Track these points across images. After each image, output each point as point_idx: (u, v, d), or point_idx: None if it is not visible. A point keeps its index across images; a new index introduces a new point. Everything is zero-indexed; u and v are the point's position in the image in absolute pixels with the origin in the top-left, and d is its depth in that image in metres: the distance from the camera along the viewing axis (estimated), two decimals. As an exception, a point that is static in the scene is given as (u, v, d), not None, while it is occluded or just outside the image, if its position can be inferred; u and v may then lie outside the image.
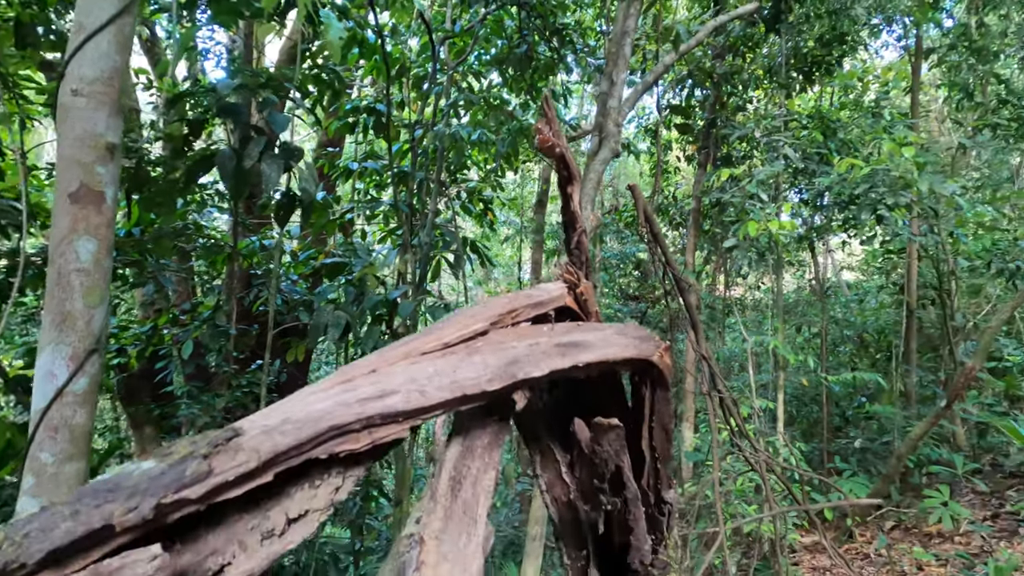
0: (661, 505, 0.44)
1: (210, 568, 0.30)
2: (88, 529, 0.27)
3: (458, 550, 0.30)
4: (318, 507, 0.33)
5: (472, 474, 0.33)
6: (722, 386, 2.96)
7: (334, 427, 0.31)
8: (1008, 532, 4.28)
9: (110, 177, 1.19)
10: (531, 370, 0.33)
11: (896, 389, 7.56)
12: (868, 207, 4.81)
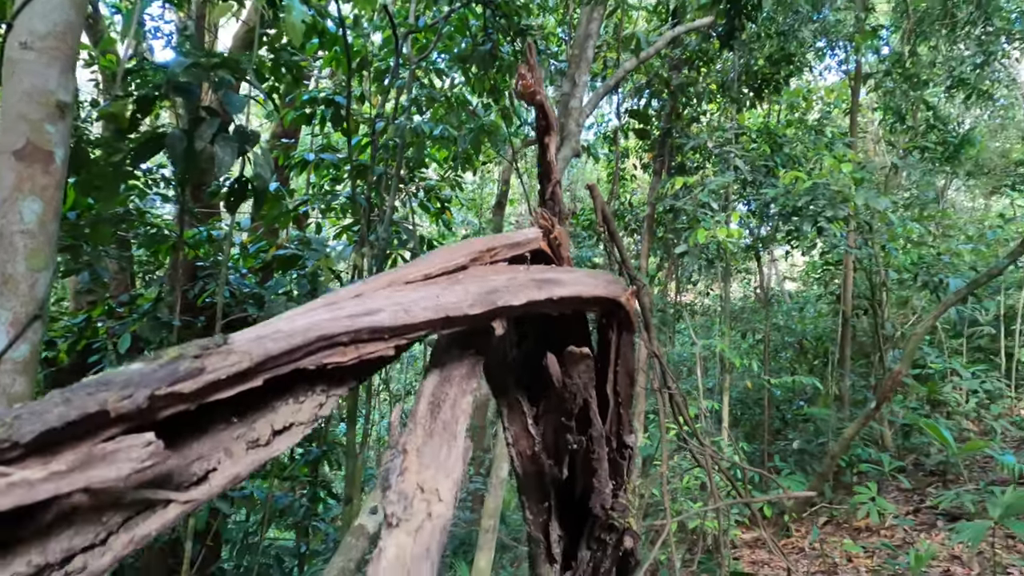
0: (622, 449, 0.46)
1: (196, 472, 0.30)
2: (82, 413, 0.26)
3: (439, 460, 0.31)
4: (302, 420, 0.33)
5: (450, 398, 0.34)
6: (672, 384, 3.06)
7: (323, 337, 0.31)
8: (928, 525, 4.59)
9: (60, 137, 1.12)
10: (510, 299, 0.35)
11: (831, 393, 7.99)
12: (810, 219, 5.08)
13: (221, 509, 4.62)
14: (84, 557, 0.28)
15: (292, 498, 5.29)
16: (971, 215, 11.96)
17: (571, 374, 0.38)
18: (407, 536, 0.29)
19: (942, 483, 5.55)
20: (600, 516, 0.51)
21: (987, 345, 10.19)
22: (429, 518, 0.30)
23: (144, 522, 0.29)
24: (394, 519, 0.30)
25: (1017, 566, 3.36)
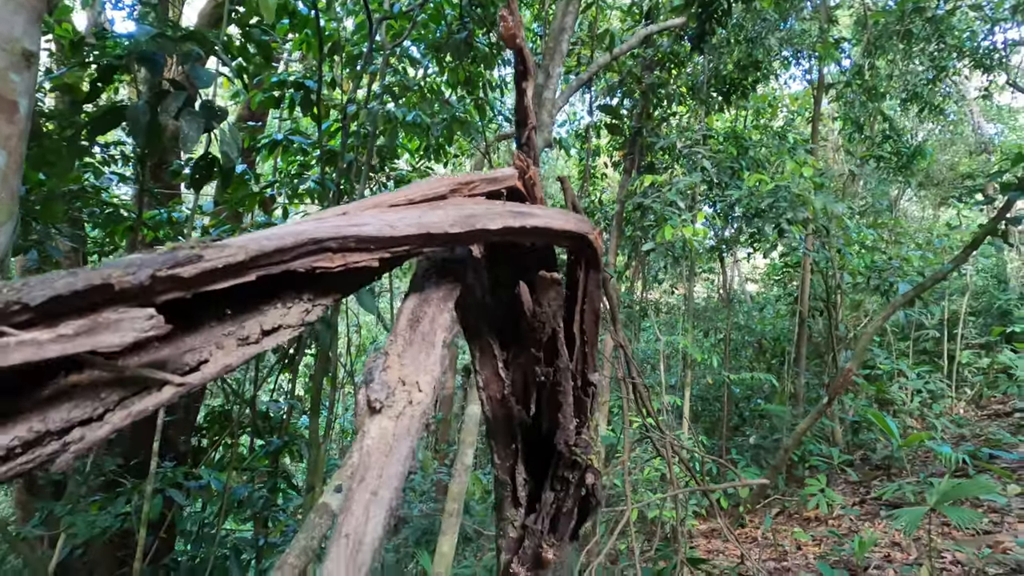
0: (587, 387, 0.48)
1: (188, 363, 0.31)
2: (88, 284, 0.26)
3: (419, 361, 0.32)
4: (290, 324, 0.34)
5: (428, 315, 0.35)
6: (636, 374, 3.13)
7: (313, 240, 0.32)
8: (872, 515, 4.82)
9: (25, 87, 1.08)
10: (487, 223, 0.36)
11: (787, 390, 8.29)
12: (771, 220, 5.25)
13: (176, 499, 4.49)
14: (82, 430, 0.28)
15: (251, 489, 5.18)
16: (921, 224, 12.57)
17: (541, 301, 0.40)
18: (389, 420, 0.30)
19: (887, 476, 5.83)
20: (564, 453, 0.53)
21: (931, 348, 10.74)
22: (410, 405, 0.31)
23: (140, 400, 0.30)
24: (377, 404, 0.31)
25: (951, 550, 3.57)
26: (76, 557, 4.70)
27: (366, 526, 0.25)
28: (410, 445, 0.30)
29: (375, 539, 0.25)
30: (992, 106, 13.26)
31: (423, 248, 0.36)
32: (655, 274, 10.46)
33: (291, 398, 6.36)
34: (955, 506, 2.98)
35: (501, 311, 0.53)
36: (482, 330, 0.53)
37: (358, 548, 0.25)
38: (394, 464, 0.28)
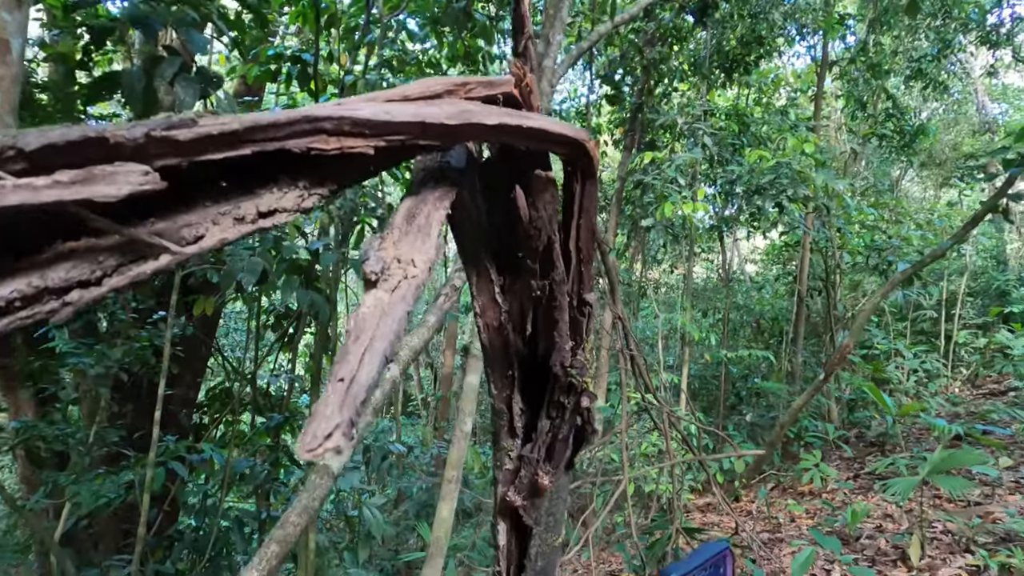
0: (582, 307, 0.49)
1: (185, 237, 0.31)
2: (83, 135, 0.27)
3: (415, 245, 0.32)
4: (286, 207, 0.34)
5: (424, 212, 0.35)
6: (634, 346, 3.15)
7: (307, 118, 0.32)
8: (865, 488, 4.89)
9: (17, 26, 1.06)
10: (484, 119, 0.36)
11: (784, 369, 8.35)
12: (772, 197, 5.23)
13: (178, 472, 4.55)
14: (80, 291, 0.29)
15: (253, 462, 5.23)
16: (922, 204, 12.52)
17: (537, 205, 0.40)
18: (385, 292, 0.31)
19: (881, 452, 5.90)
20: (560, 375, 0.54)
21: (929, 328, 10.79)
22: (406, 279, 0.32)
23: (137, 266, 0.30)
24: (373, 277, 0.32)
25: (941, 520, 3.63)
26: (81, 528, 4.77)
27: (360, 370, 0.26)
28: (405, 308, 0.30)
29: (369, 379, 0.26)
30: (997, 85, 13.12)
31: (418, 141, 0.36)
32: (654, 254, 10.46)
33: (292, 374, 6.40)
34: (947, 476, 3.03)
35: (497, 234, 0.54)
36: (479, 254, 0.53)
37: (351, 385, 0.26)
38: (388, 323, 0.28)
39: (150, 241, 0.30)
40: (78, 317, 4.69)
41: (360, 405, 0.25)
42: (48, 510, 4.65)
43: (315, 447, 0.24)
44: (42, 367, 4.30)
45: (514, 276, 0.57)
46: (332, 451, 0.24)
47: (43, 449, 4.35)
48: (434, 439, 7.44)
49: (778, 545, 3.97)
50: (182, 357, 5.03)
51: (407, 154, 0.41)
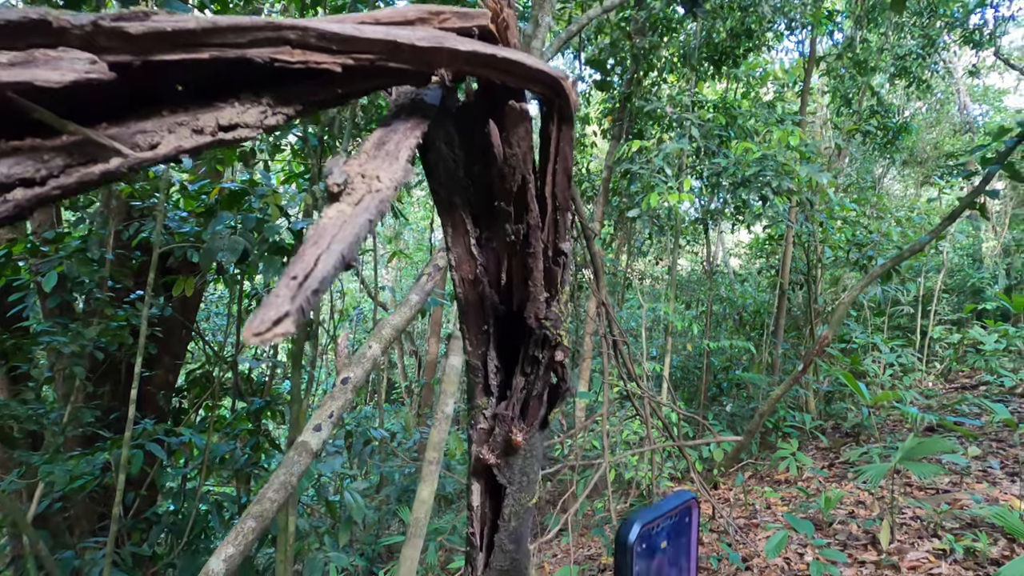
0: (558, 257, 0.48)
1: (138, 143, 0.30)
2: (24, 16, 0.25)
3: (382, 165, 0.31)
4: (248, 122, 0.33)
5: (395, 139, 0.34)
6: (617, 332, 3.16)
7: (271, 26, 0.31)
8: (839, 477, 5.00)
9: None
10: (457, 45, 0.35)
11: (764, 361, 8.47)
12: (756, 189, 5.28)
13: (155, 454, 4.49)
14: (24, 190, 0.27)
15: (233, 446, 5.20)
16: (902, 201, 12.73)
17: (511, 141, 0.40)
18: (348, 205, 0.30)
19: (856, 442, 6.03)
20: (534, 328, 0.54)
21: (906, 323, 11.02)
22: (370, 192, 0.31)
23: (86, 168, 0.29)
24: (335, 189, 0.31)
25: (911, 506, 3.73)
26: (56, 510, 4.70)
27: (314, 268, 0.25)
28: (368, 218, 0.30)
29: (323, 273, 0.25)
30: (979, 86, 13.34)
31: (388, 63, 0.35)
32: (640, 245, 10.51)
33: (273, 359, 6.35)
34: (917, 463, 3.11)
35: (474, 184, 0.53)
36: (455, 203, 0.53)
37: (304, 280, 0.25)
38: (348, 229, 0.28)
39: (99, 140, 0.29)
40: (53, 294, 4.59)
41: (311, 295, 0.25)
42: (22, 492, 4.57)
43: (262, 331, 0.24)
44: (15, 346, 4.21)
45: (490, 229, 0.57)
46: (280, 336, 0.24)
47: (15, 429, 4.27)
48: (417, 426, 7.44)
49: (754, 530, 4.05)
50: (160, 338, 4.95)
51: (377, 82, 0.40)
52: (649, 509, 0.48)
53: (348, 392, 1.84)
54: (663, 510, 0.50)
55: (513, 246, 0.48)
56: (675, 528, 0.51)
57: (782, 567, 3.25)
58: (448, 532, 4.31)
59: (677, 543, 0.53)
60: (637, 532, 0.46)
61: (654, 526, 0.48)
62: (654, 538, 0.48)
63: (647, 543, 0.47)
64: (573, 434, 4.74)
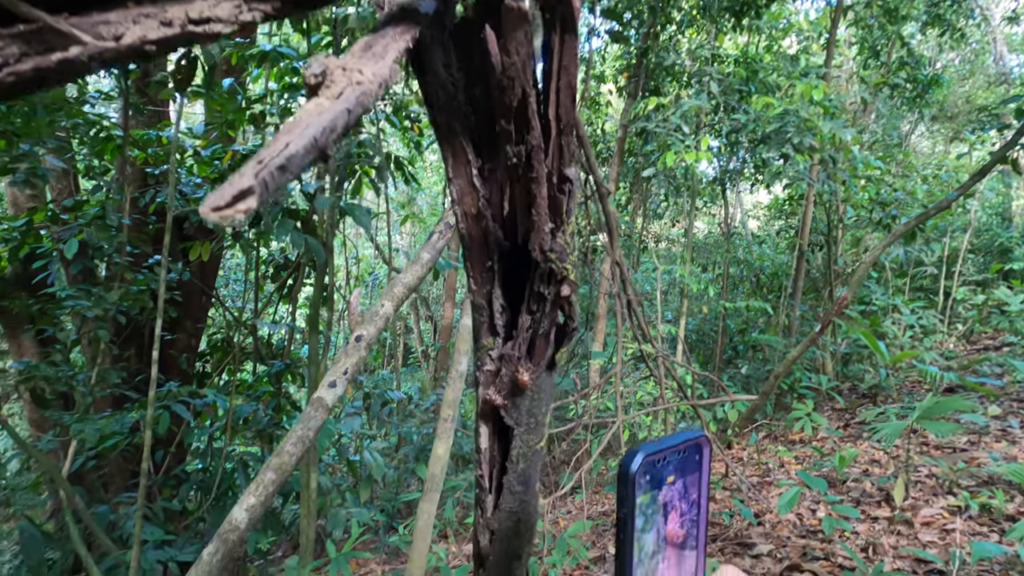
0: (562, 184, 0.46)
1: (100, 33, 0.29)
2: None
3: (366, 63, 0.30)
4: (220, 16, 0.31)
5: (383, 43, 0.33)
6: (631, 291, 3.14)
7: None
8: (854, 437, 5.00)
9: None
10: None
11: (781, 323, 8.39)
12: (777, 146, 5.12)
13: (181, 414, 4.64)
14: None
15: (256, 407, 5.34)
16: (930, 159, 12.29)
17: (509, 48, 0.37)
18: (327, 99, 0.28)
19: (873, 403, 6.00)
20: (539, 262, 0.52)
21: (928, 285, 10.79)
22: (350, 85, 0.29)
23: (42, 57, 0.28)
24: (313, 81, 0.29)
25: (927, 464, 3.72)
26: (90, 468, 4.91)
27: (281, 153, 0.24)
28: (346, 108, 0.28)
29: (292, 153, 0.24)
30: (1017, 34, 12.63)
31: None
32: (655, 207, 10.35)
33: (292, 324, 6.45)
34: (935, 422, 3.08)
35: (474, 109, 0.50)
36: (455, 130, 0.50)
37: (270, 160, 0.24)
38: (324, 117, 0.26)
39: (59, 27, 0.27)
40: (76, 261, 4.68)
41: (277, 171, 0.23)
42: (58, 451, 4.78)
43: (222, 205, 0.22)
44: (41, 310, 4.32)
45: (492, 159, 0.54)
46: (241, 213, 0.23)
47: (47, 391, 4.42)
48: (433, 388, 7.57)
49: (766, 488, 4.09)
50: (180, 303, 5.04)
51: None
52: (655, 442, 0.47)
53: (362, 349, 1.85)
54: (670, 444, 0.48)
55: (515, 171, 0.46)
56: (684, 464, 0.50)
57: (794, 523, 3.28)
58: (464, 489, 4.42)
59: (686, 479, 0.51)
60: (640, 462, 0.44)
61: (660, 458, 0.47)
62: (660, 471, 0.47)
63: (652, 475, 0.46)
64: (587, 394, 4.78)
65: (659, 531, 0.48)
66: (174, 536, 4.63)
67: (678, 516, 0.50)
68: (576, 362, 8.03)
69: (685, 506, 0.50)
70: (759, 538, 3.12)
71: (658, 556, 0.48)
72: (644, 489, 0.45)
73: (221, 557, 1.58)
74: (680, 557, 0.51)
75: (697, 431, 0.52)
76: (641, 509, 0.46)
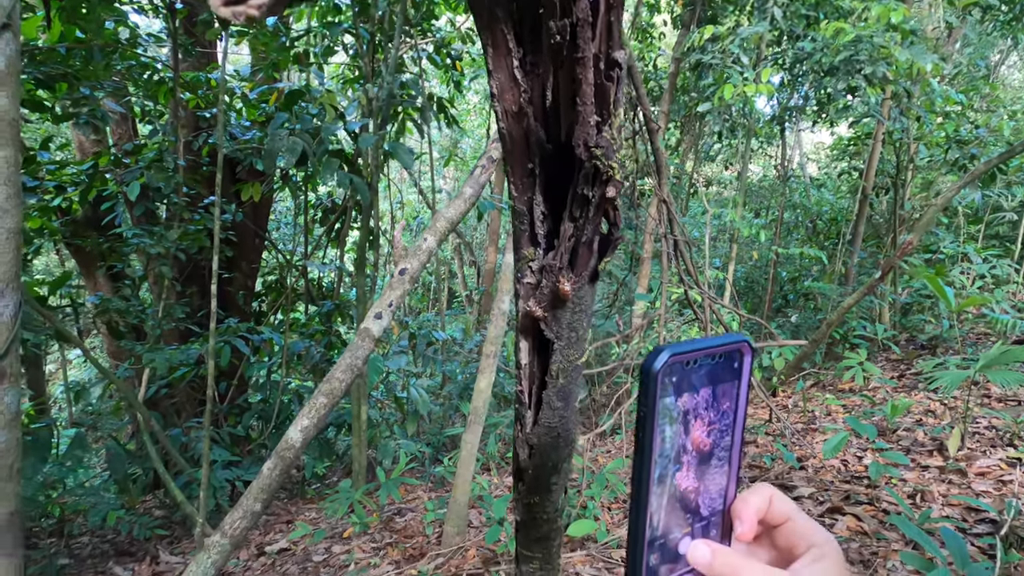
0: (610, 70, 0.43)
1: None
2: None
3: None
4: None
5: None
6: (679, 231, 3.04)
7: None
8: (909, 388, 4.82)
9: None
10: None
11: (837, 271, 8.02)
12: (846, 77, 4.72)
13: (240, 349, 4.94)
14: None
15: (309, 344, 5.62)
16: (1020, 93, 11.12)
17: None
18: None
19: (932, 354, 5.74)
20: (583, 159, 0.49)
21: (1006, 232, 9.99)
22: None
23: None
24: None
25: (986, 416, 3.57)
26: (163, 396, 5.34)
27: None
28: None
29: None
30: None
31: None
32: (707, 149, 9.87)
33: (340, 265, 6.65)
34: (1001, 371, 2.92)
35: None
36: (496, 16, 0.47)
37: None
38: None
39: None
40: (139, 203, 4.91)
41: None
42: (133, 379, 5.20)
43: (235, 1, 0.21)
44: (110, 248, 4.59)
45: (535, 52, 0.51)
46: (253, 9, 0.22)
47: (120, 324, 4.77)
48: (477, 330, 7.72)
49: (811, 434, 4.03)
50: (235, 243, 5.25)
51: None
52: (686, 343, 0.43)
53: (406, 283, 1.88)
54: (704, 346, 0.44)
55: (559, 53, 0.43)
56: (719, 370, 0.46)
57: (839, 468, 3.24)
58: (506, 425, 4.56)
59: (720, 388, 0.46)
60: (665, 360, 0.40)
61: (689, 360, 0.43)
62: (689, 374, 0.43)
63: (679, 378, 0.42)
64: (628, 336, 4.76)
65: (682, 438, 0.45)
66: (239, 459, 5.03)
67: (705, 425, 0.46)
68: (620, 307, 7.98)
69: (714, 415, 0.47)
70: (800, 482, 3.11)
71: (680, 463, 0.46)
72: (668, 393, 0.42)
73: (279, 472, 1.70)
74: (707, 469, 0.48)
75: (739, 335, 0.47)
76: (666, 412, 0.43)
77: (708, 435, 0.46)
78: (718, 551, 0.44)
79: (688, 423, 0.44)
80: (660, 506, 0.45)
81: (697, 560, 0.44)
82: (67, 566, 3.86)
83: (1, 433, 1.04)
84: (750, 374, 0.50)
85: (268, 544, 3.57)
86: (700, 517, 0.47)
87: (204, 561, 1.62)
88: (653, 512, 0.45)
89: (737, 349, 0.46)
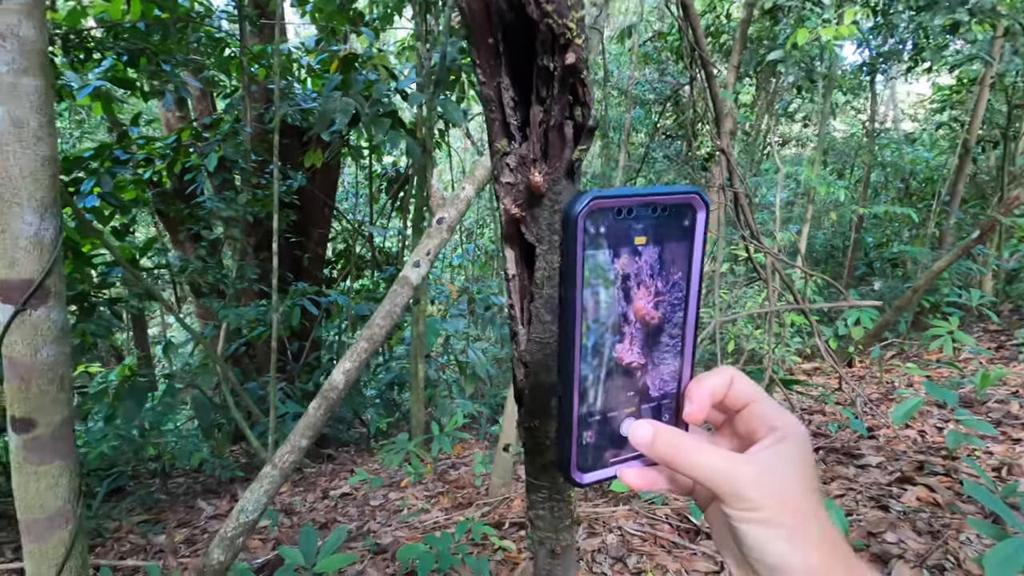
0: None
1: None
2: None
3: None
4: None
5: None
6: (738, 182, 2.86)
7: None
8: (1007, 359, 4.36)
9: None
10: None
11: (931, 234, 7.31)
12: (946, 11, 4.19)
13: (309, 309, 5.22)
14: None
15: (371, 307, 5.85)
16: None
17: None
18: None
19: (1038, 325, 5.15)
20: (537, 21, 0.45)
21: None
22: None
23: None
24: None
25: (1099, 388, 3.17)
26: (242, 353, 5.77)
27: None
28: None
29: None
30: None
31: None
32: (785, 106, 9.17)
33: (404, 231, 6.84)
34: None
35: None
36: None
37: None
38: None
39: None
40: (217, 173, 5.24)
41: None
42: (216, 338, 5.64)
43: None
44: (191, 214, 4.93)
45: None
46: None
47: (203, 284, 5.15)
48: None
49: (887, 404, 3.75)
50: (302, 207, 5.49)
51: None
52: (621, 188, 0.37)
53: (444, 232, 1.89)
54: (640, 192, 0.37)
55: None
56: (664, 228, 0.39)
57: (914, 439, 3.00)
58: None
59: (668, 252, 0.40)
60: (586, 203, 0.35)
61: (622, 208, 0.37)
62: (625, 228, 0.37)
63: (611, 230, 0.37)
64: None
65: (622, 305, 0.40)
66: (309, 412, 5.36)
67: (651, 295, 0.41)
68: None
69: (662, 285, 0.41)
70: (869, 451, 2.91)
71: (621, 335, 0.41)
72: (600, 247, 0.37)
73: (323, 411, 1.79)
74: (656, 347, 0.43)
75: (690, 187, 0.40)
76: (598, 271, 0.38)
77: (656, 307, 0.41)
78: (661, 430, 0.40)
79: (629, 290, 0.40)
80: (597, 379, 0.42)
81: (637, 439, 0.40)
82: (163, 500, 4.31)
83: (52, 347, 1.15)
84: (704, 237, 0.42)
85: (332, 489, 3.80)
86: (649, 399, 0.44)
87: (257, 489, 1.75)
88: (588, 385, 0.41)
89: (686, 203, 0.39)
